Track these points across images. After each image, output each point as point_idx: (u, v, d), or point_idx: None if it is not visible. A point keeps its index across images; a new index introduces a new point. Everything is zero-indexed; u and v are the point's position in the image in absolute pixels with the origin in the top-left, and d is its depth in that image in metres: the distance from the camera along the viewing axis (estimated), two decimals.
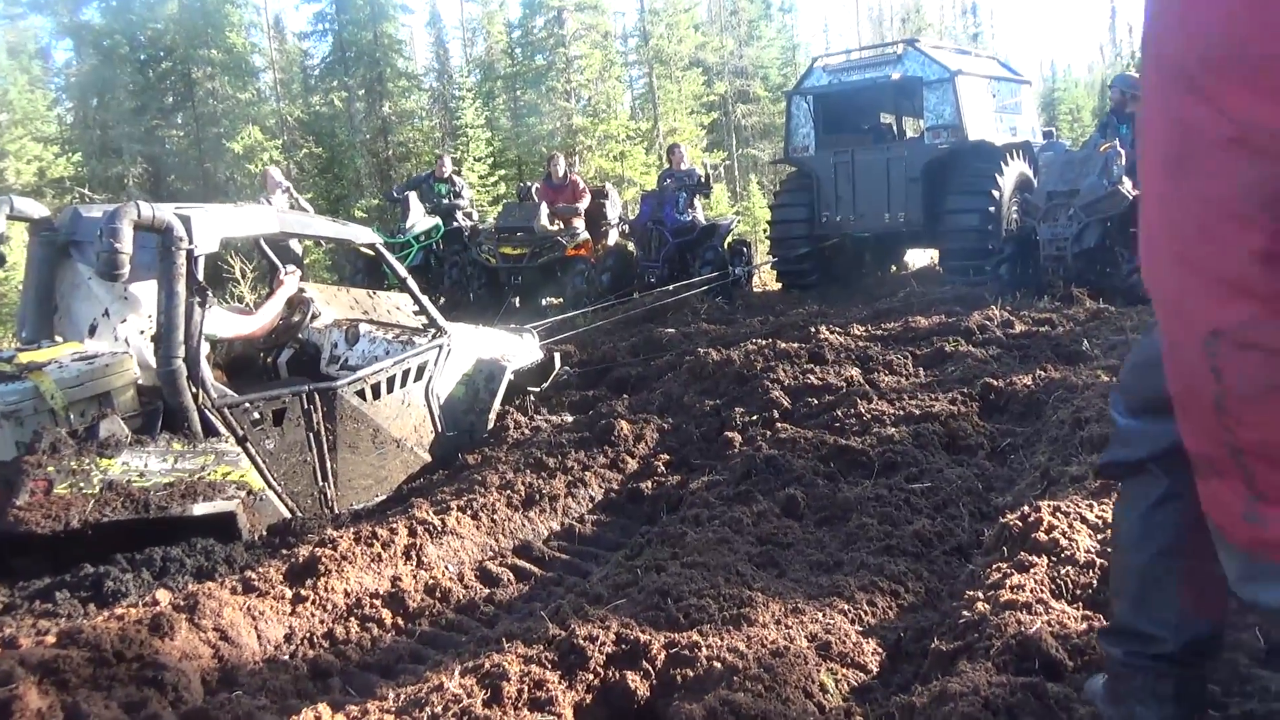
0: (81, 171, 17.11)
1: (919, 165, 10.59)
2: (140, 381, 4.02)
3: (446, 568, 3.62)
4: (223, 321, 4.82)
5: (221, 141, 18.97)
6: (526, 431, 5.32)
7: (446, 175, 12.04)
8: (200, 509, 3.77)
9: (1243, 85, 0.89)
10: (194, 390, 3.94)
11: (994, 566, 2.69)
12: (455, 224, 11.69)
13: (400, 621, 3.25)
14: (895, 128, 13.51)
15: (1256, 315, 0.91)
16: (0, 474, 3.42)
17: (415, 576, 3.49)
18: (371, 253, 5.27)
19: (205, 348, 4.15)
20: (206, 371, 4.06)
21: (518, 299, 10.89)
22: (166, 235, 3.88)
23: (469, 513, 3.96)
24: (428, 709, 1.97)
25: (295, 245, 9.24)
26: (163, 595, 3.34)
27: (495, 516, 4.02)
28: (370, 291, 6.29)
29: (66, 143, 18.18)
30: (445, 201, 11.72)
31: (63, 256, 4.43)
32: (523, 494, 4.21)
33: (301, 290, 5.46)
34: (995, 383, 5.11)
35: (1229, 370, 0.95)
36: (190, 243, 3.93)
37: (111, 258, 3.71)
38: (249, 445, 4.11)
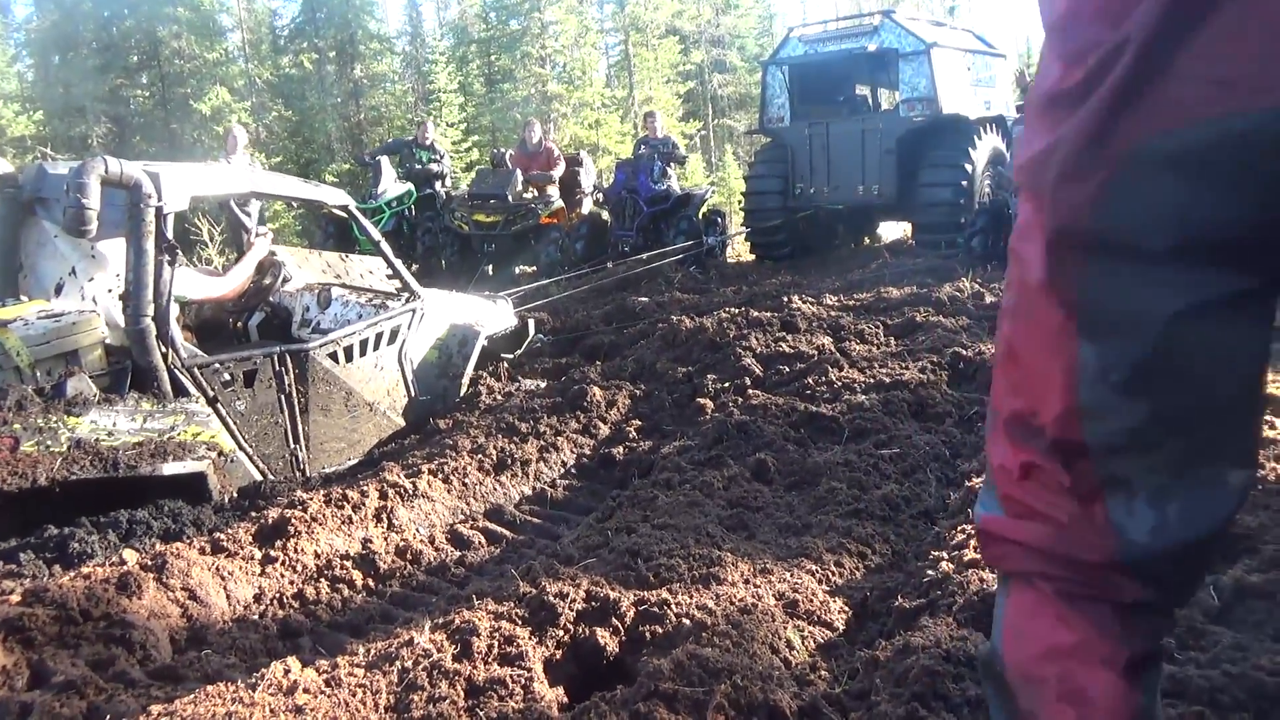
0: (44, 130, 16.71)
1: (893, 137, 10.61)
2: (108, 340, 3.97)
3: (417, 530, 3.64)
4: (192, 283, 4.76)
5: (188, 102, 18.58)
6: (499, 397, 5.32)
7: (429, 141, 11.89)
8: (170, 469, 3.74)
9: None
10: (163, 350, 3.90)
11: (959, 528, 2.74)
12: (431, 190, 11.57)
13: (370, 583, 3.26)
14: (871, 99, 13.51)
15: None
16: None
17: (386, 539, 3.50)
18: (344, 215, 5.21)
19: (175, 309, 4.10)
20: (176, 331, 4.02)
21: (490, 266, 10.82)
22: (135, 192, 3.82)
23: (440, 476, 3.97)
24: (398, 663, 1.98)
25: (248, 216, 8.99)
26: (130, 555, 3.32)
27: (467, 480, 4.03)
28: (343, 255, 6.23)
29: (27, 100, 17.74)
30: (433, 168, 11.58)
31: (27, 214, 4.34)
32: (494, 458, 4.22)
33: (272, 253, 5.40)
34: (965, 352, 5.17)
35: None
36: (159, 200, 3.87)
37: (79, 214, 3.65)
38: (219, 406, 4.08)
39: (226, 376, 4.16)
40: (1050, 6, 0.91)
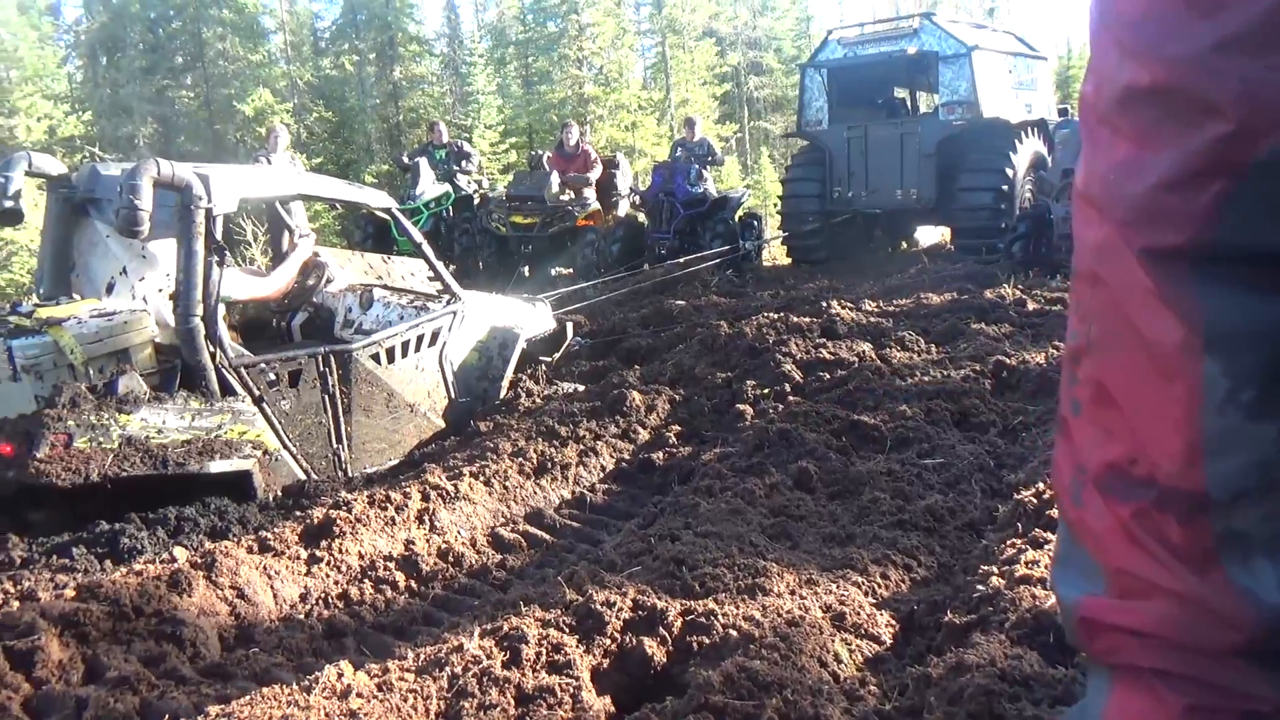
0: (92, 130, 17.03)
1: (933, 141, 10.52)
2: (158, 339, 4.04)
3: (459, 533, 3.65)
4: (238, 283, 4.83)
5: (232, 103, 18.86)
6: (538, 400, 5.34)
7: (444, 142, 11.98)
8: (217, 466, 3.80)
9: None
10: (211, 349, 3.96)
11: (1009, 542, 2.70)
12: (463, 191, 11.64)
13: (413, 584, 3.28)
14: (909, 103, 13.41)
15: None
16: (21, 427, 3.44)
17: (428, 541, 3.52)
18: (386, 217, 5.26)
19: (221, 308, 4.16)
20: (223, 331, 4.08)
21: (527, 268, 10.87)
22: (186, 193, 3.88)
23: (481, 479, 3.99)
24: (448, 669, 1.99)
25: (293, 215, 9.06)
26: (180, 553, 3.38)
27: (507, 483, 4.04)
28: (384, 257, 6.28)
29: (76, 101, 18.10)
30: (452, 168, 11.67)
31: (80, 214, 4.43)
32: (535, 462, 4.23)
33: (316, 254, 5.46)
34: (1008, 360, 5.11)
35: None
36: (209, 202, 3.93)
37: (131, 214, 3.71)
38: (265, 405, 4.13)
39: (272, 376, 4.21)
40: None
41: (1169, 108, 0.79)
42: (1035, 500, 2.91)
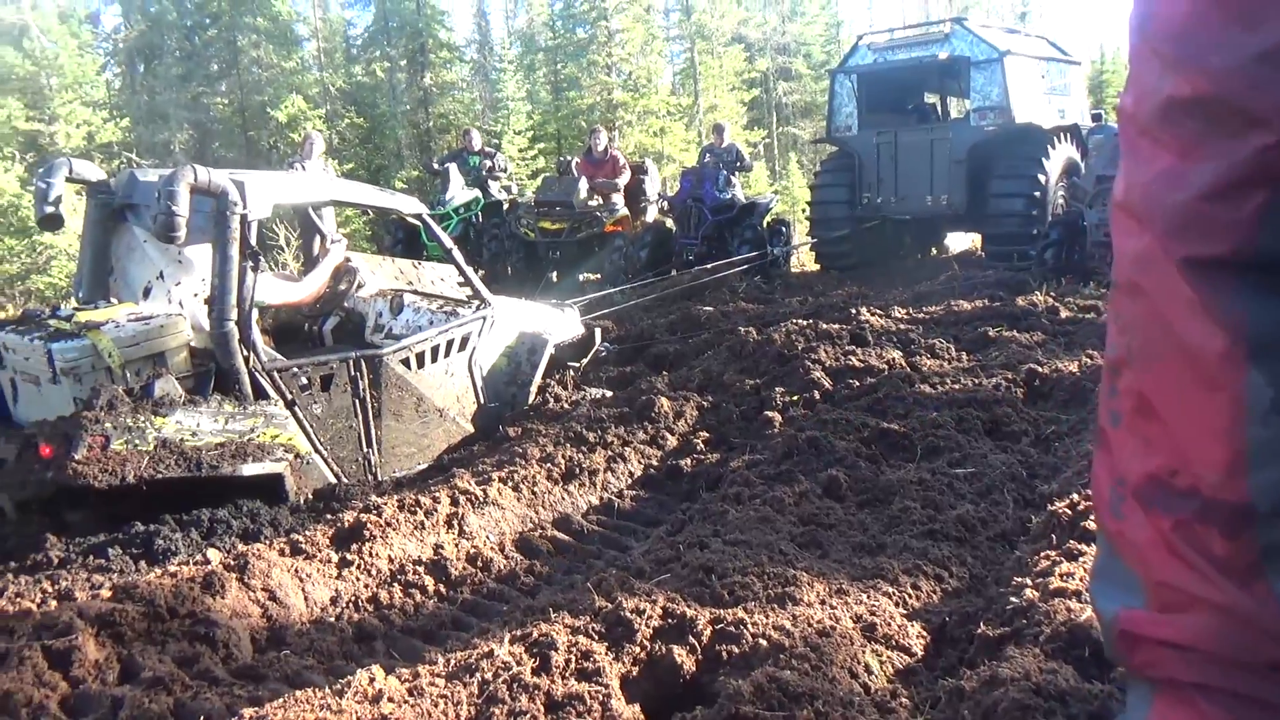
0: (129, 137, 17.33)
1: (964, 147, 10.44)
2: (193, 343, 4.09)
3: (487, 537, 3.67)
4: (271, 287, 4.88)
5: (265, 109, 19.12)
6: (566, 405, 5.35)
7: (477, 148, 12.06)
8: (250, 469, 3.84)
9: None
10: (245, 353, 4.00)
11: (1043, 554, 2.67)
12: (492, 197, 11.71)
13: (442, 589, 3.30)
14: (940, 108, 13.32)
15: None
16: (60, 429, 3.49)
17: (457, 545, 3.53)
18: (418, 223, 5.30)
19: (255, 313, 4.20)
20: (257, 335, 4.12)
21: (555, 273, 10.90)
22: (222, 199, 3.94)
23: (510, 484, 4.00)
24: (478, 675, 2.00)
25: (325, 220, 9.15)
26: (214, 555, 3.42)
27: (536, 489, 4.05)
28: (415, 262, 6.33)
29: (114, 108, 18.42)
30: (481, 174, 11.75)
31: (118, 219, 4.50)
32: (563, 467, 4.24)
33: (348, 260, 5.51)
34: (1040, 369, 5.05)
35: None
36: (245, 208, 3.98)
37: (169, 220, 3.77)
38: (297, 409, 4.17)
39: (304, 380, 4.25)
40: (1159, 7, 0.81)
41: (1212, 119, 0.78)
42: (1070, 511, 2.87)
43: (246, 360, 4.01)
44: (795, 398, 5.04)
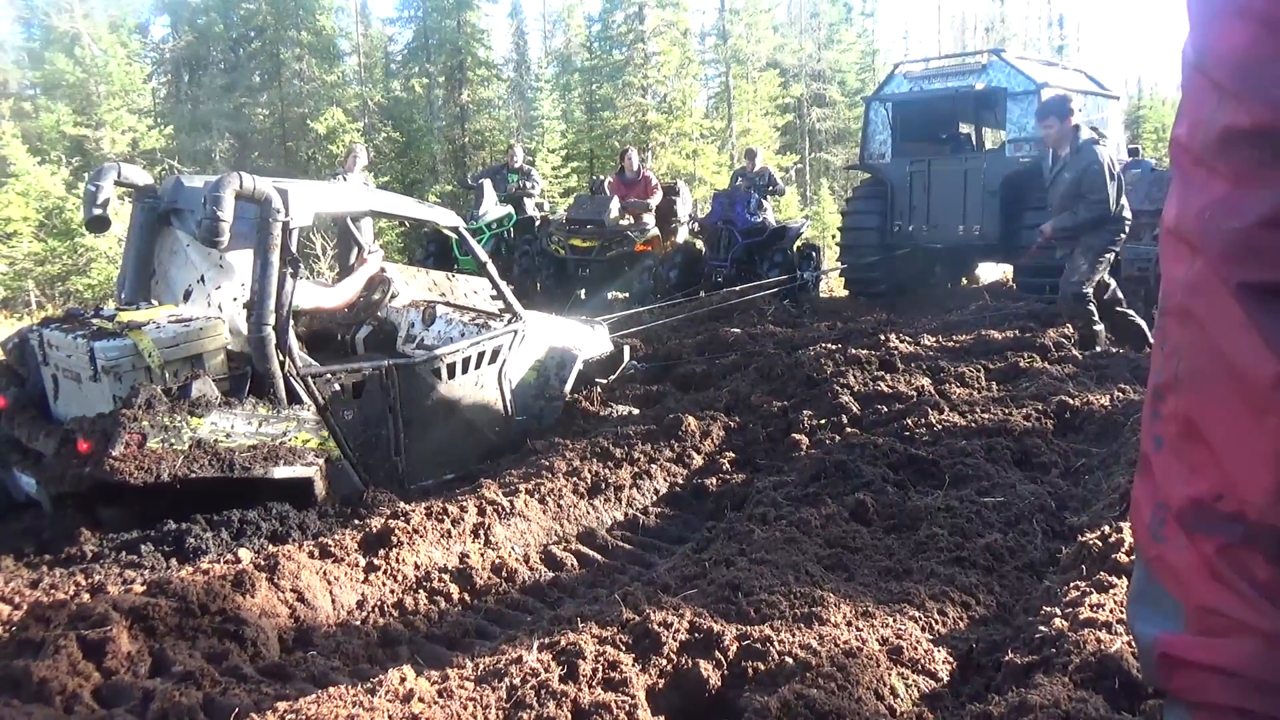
0: (172, 144, 17.68)
1: (998, 178, 10.40)
2: (230, 346, 4.16)
3: (513, 548, 3.69)
4: (304, 293, 4.96)
5: (305, 121, 19.44)
6: (594, 421, 5.37)
7: (519, 165, 12.18)
8: (281, 472, 3.89)
9: None
10: (280, 358, 4.07)
11: (1072, 584, 2.65)
12: (526, 213, 11.82)
13: (467, 597, 3.32)
14: (974, 138, 13.29)
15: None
16: (99, 426, 3.56)
17: (483, 555, 3.56)
18: (454, 236, 5.36)
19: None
20: (293, 341, 4.18)
21: (584, 291, 10.97)
22: (265, 207, 4.01)
23: (536, 497, 4.02)
24: (506, 680, 2.01)
25: (363, 231, 9.28)
26: (244, 554, 3.46)
27: (561, 502, 4.07)
28: (449, 274, 6.40)
29: (159, 116, 18.80)
30: (517, 190, 11.86)
31: (163, 223, 4.60)
32: (589, 482, 4.26)
33: (383, 270, 5.58)
34: (1072, 401, 5.01)
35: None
36: (287, 215, 4.05)
37: (213, 225, 3.85)
38: (329, 415, 4.22)
39: (337, 387, 4.31)
40: (1217, 39, 0.82)
41: (1270, 149, 0.78)
42: (1100, 543, 2.85)
43: (282, 365, 4.08)
44: (823, 421, 5.02)
